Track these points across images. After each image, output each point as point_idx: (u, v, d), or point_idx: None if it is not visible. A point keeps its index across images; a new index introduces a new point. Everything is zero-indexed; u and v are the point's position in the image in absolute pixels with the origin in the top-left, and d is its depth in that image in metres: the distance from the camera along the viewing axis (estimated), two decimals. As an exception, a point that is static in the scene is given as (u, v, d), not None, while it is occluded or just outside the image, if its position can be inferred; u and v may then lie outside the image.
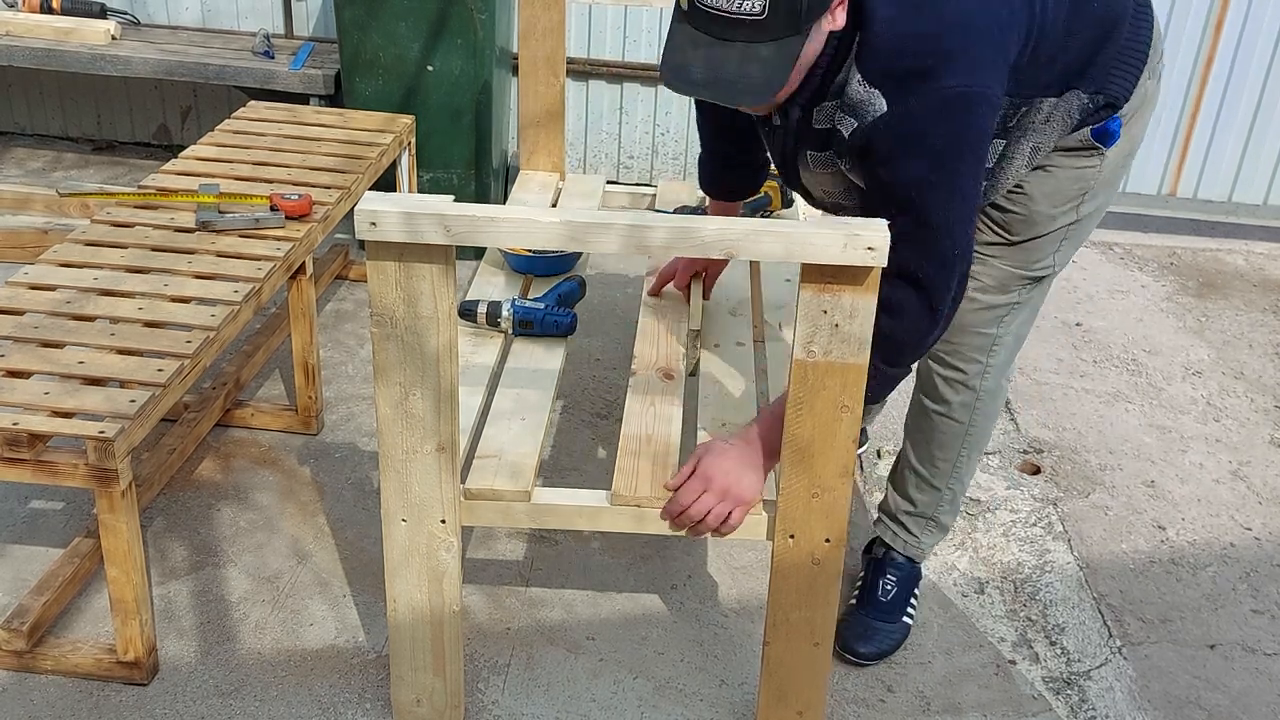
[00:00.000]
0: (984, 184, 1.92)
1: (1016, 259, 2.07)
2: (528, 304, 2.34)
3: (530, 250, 2.58)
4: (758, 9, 1.57)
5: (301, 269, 2.68)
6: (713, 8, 1.60)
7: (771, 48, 1.62)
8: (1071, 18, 1.87)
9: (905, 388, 2.33)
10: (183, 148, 3.86)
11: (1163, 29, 3.97)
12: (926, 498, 2.32)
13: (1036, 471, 2.93)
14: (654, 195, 3.10)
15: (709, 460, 1.88)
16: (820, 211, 2.08)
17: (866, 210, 1.83)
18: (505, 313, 2.32)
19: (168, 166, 2.94)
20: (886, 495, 2.40)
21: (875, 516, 2.46)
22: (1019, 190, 2.02)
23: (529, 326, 2.32)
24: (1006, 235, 2.05)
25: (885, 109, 1.73)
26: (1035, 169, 1.99)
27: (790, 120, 1.89)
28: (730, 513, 1.87)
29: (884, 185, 1.80)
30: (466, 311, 2.34)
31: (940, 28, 1.72)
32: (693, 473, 1.89)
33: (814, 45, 1.72)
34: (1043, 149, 1.95)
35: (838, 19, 1.71)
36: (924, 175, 1.75)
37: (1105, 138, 1.96)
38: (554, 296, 2.41)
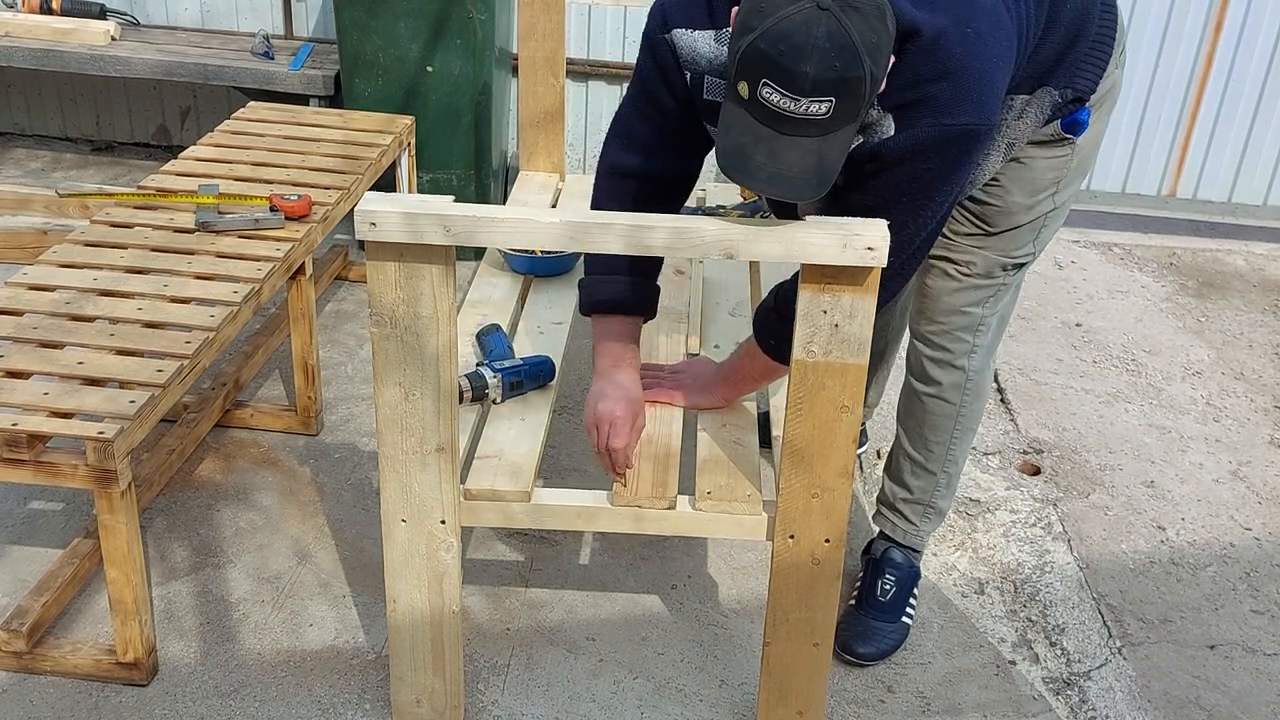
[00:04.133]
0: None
1: (997, 248, 2.12)
2: (506, 365, 2.20)
3: (530, 251, 2.58)
4: (823, 111, 1.56)
5: (301, 269, 2.68)
6: (778, 107, 1.57)
7: (833, 141, 1.61)
8: (1048, 25, 1.91)
9: (895, 380, 2.33)
10: (182, 148, 3.86)
11: (1149, 24, 4.00)
12: (922, 483, 2.34)
13: (1036, 472, 2.92)
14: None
15: (693, 363, 2.20)
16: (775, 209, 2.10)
17: (835, 204, 1.83)
18: (492, 380, 2.17)
19: (167, 167, 2.94)
20: (883, 486, 2.41)
21: (874, 511, 2.46)
22: (995, 184, 2.06)
23: (519, 387, 2.20)
24: (985, 227, 2.11)
25: (893, 133, 1.75)
26: (1010, 162, 2.04)
27: None
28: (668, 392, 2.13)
29: (862, 189, 1.82)
30: None
31: (962, 67, 1.72)
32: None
33: None
34: (1017, 144, 2.00)
35: None
36: (903, 193, 1.79)
37: (1075, 128, 2.01)
38: (525, 366, 2.25)
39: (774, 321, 1.95)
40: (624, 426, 1.94)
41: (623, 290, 2.02)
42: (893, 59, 1.66)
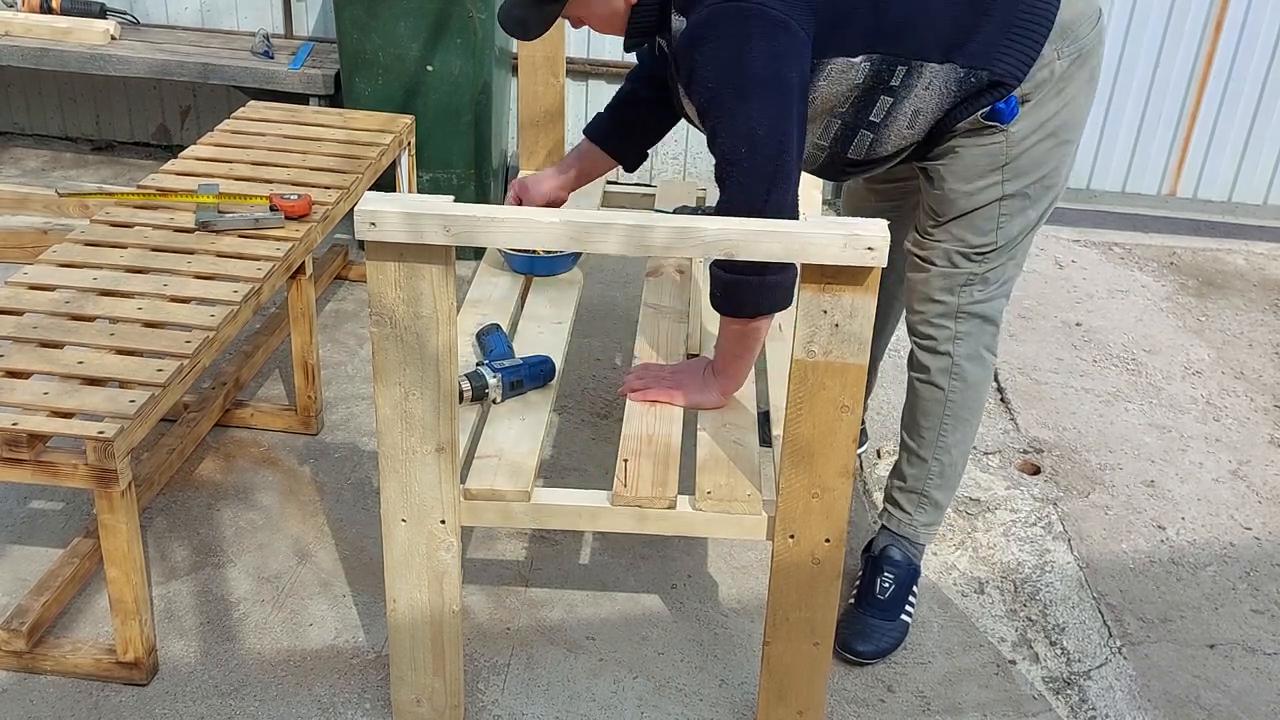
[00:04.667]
0: (870, 137, 2.08)
1: (954, 237, 2.19)
2: (506, 364, 2.21)
3: (531, 251, 2.58)
4: None
5: (301, 269, 2.68)
6: None
7: (531, 6, 2.06)
8: None
9: (900, 380, 2.33)
10: (182, 148, 3.86)
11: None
12: (915, 470, 2.36)
13: (1036, 471, 2.93)
14: (653, 195, 3.10)
15: (691, 363, 2.25)
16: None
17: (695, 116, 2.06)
18: (492, 380, 2.17)
19: (167, 166, 2.94)
20: (887, 482, 2.43)
21: (878, 510, 2.46)
22: (935, 173, 2.16)
23: (519, 387, 2.21)
24: (936, 216, 2.21)
25: (685, 26, 1.96)
26: (945, 151, 2.12)
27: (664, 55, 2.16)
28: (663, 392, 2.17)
29: (695, 91, 1.95)
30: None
31: None
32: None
33: (606, 6, 2.06)
34: (924, 114, 2.06)
35: None
36: (712, 80, 1.91)
37: (998, 116, 2.07)
38: (525, 366, 2.26)
39: (715, 275, 2.02)
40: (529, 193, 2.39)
41: (603, 123, 2.42)
42: None
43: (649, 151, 2.46)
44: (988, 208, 2.15)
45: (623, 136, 2.42)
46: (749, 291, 2.00)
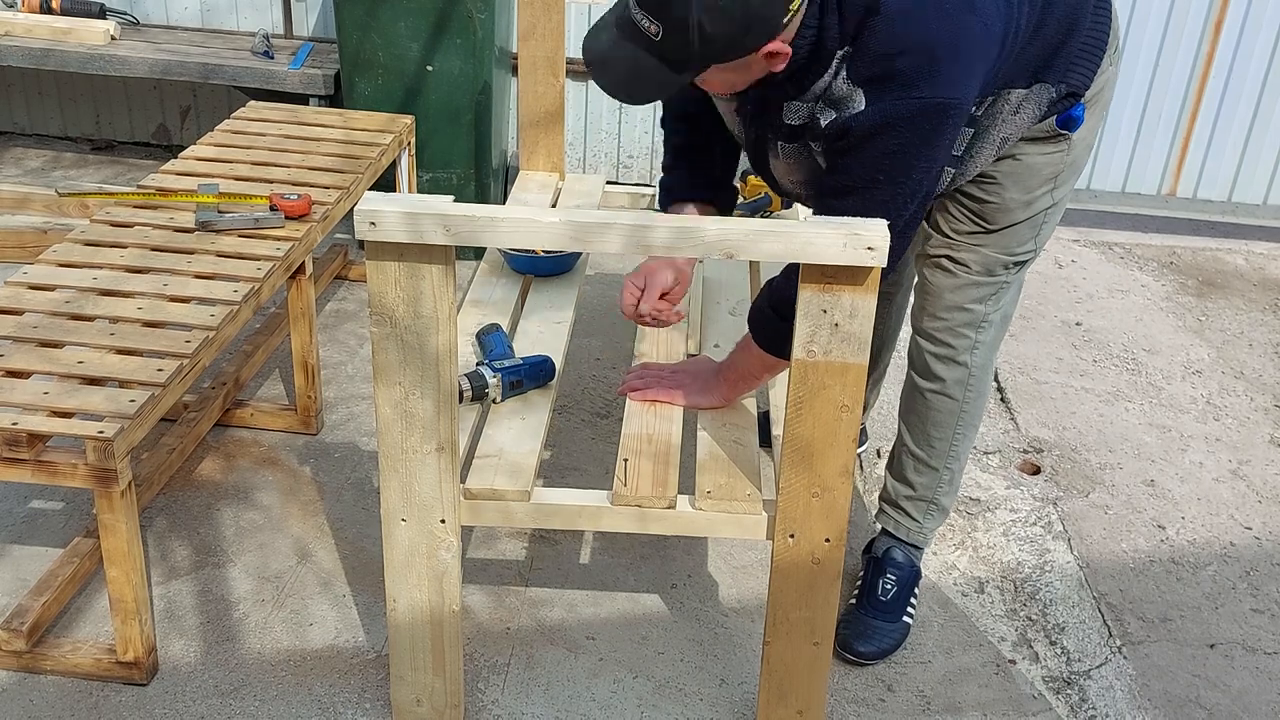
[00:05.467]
0: (951, 172, 2.00)
1: (998, 245, 2.14)
2: (506, 364, 2.21)
3: (531, 251, 2.58)
4: (653, 31, 1.75)
5: (301, 269, 2.68)
6: (631, 16, 1.78)
7: (655, 67, 1.78)
8: (1041, 19, 1.94)
9: (897, 378, 2.34)
10: (182, 148, 3.86)
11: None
12: (925, 480, 2.34)
13: (1036, 471, 2.93)
14: (654, 195, 3.10)
15: (692, 363, 2.24)
16: (793, 200, 2.20)
17: (818, 191, 1.95)
18: (492, 380, 2.18)
19: (167, 166, 2.94)
20: (885, 484, 2.41)
21: (876, 509, 2.46)
22: (992, 180, 2.08)
23: (519, 386, 2.21)
24: (985, 224, 2.13)
25: (864, 106, 1.80)
26: (1005, 158, 2.06)
27: (764, 112, 1.97)
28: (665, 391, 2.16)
29: (839, 170, 1.88)
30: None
31: (933, 41, 1.77)
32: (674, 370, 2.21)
33: (746, 73, 1.83)
34: (1011, 139, 2.02)
35: (774, 61, 1.79)
36: (879, 170, 1.83)
37: (1070, 124, 2.04)
38: (525, 365, 2.26)
39: (769, 317, 1.98)
40: (655, 284, 2.16)
41: (684, 178, 2.25)
42: (797, 18, 1.76)
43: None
44: (1036, 216, 2.12)
45: (710, 185, 2.27)
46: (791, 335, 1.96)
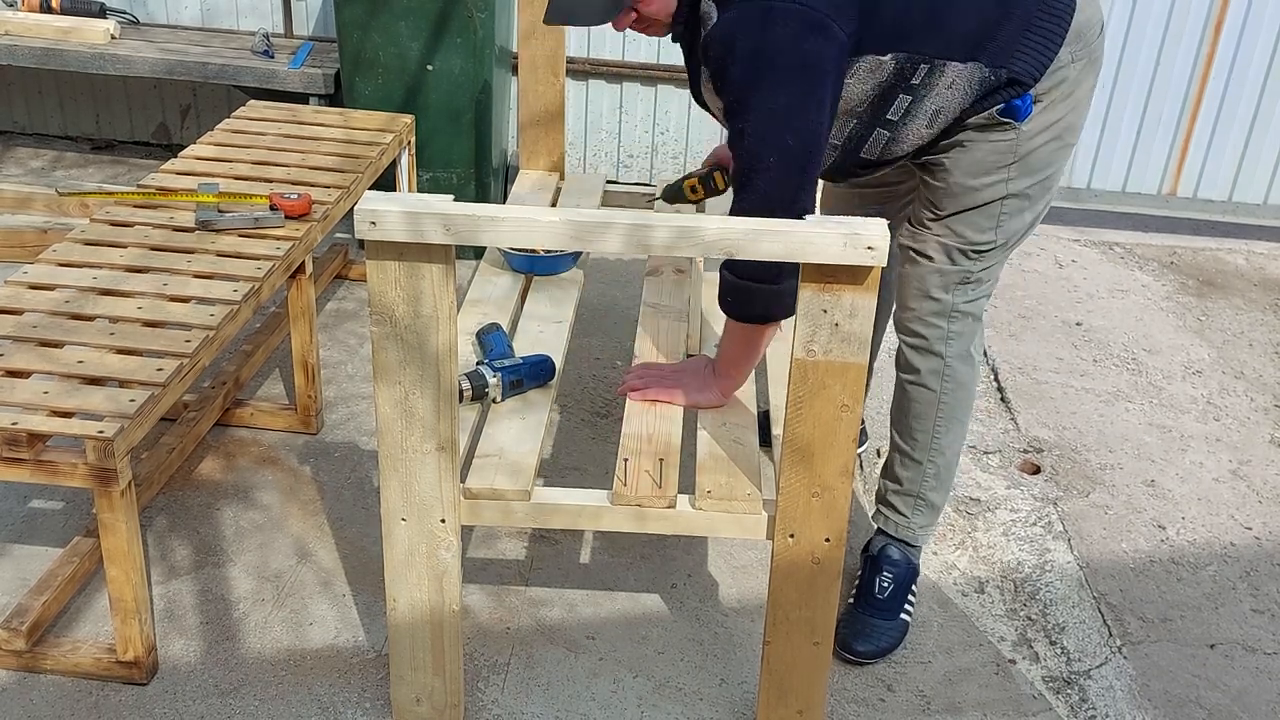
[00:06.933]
0: (886, 136, 2.07)
1: (953, 234, 2.18)
2: (506, 363, 2.21)
3: (531, 250, 2.58)
4: None
5: (301, 268, 2.68)
6: None
7: None
8: None
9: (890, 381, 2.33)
10: (182, 147, 3.86)
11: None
12: (910, 473, 2.36)
13: (1036, 471, 2.93)
14: (654, 194, 3.10)
15: (691, 362, 2.24)
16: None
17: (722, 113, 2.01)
18: (492, 380, 2.18)
19: (167, 166, 2.94)
20: (879, 484, 2.42)
21: (873, 510, 2.46)
22: (939, 165, 2.14)
23: (519, 386, 2.21)
24: (936, 210, 2.18)
25: (715, 18, 1.92)
26: (954, 146, 2.10)
27: (692, 53, 2.11)
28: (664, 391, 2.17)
29: (725, 89, 1.93)
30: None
31: None
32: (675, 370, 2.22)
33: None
34: (944, 113, 2.05)
35: None
36: (742, 81, 1.89)
37: (1013, 113, 2.07)
38: (525, 365, 2.26)
39: (728, 281, 2.02)
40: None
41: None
42: None
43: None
44: (990, 205, 2.15)
45: None
46: (757, 296, 2.00)
